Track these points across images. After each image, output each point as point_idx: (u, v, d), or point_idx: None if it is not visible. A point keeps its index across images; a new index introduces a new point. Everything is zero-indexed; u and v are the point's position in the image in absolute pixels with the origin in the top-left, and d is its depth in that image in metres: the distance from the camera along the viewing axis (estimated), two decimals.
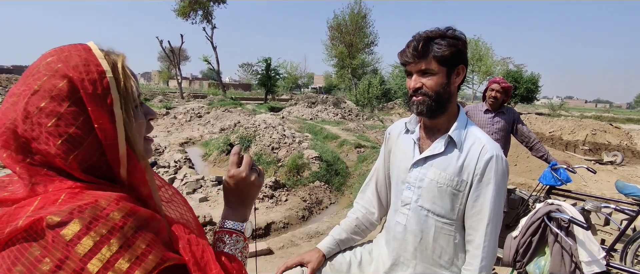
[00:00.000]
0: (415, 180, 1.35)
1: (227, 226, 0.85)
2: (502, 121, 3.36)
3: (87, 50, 0.65)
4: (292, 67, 46.54)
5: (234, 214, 0.87)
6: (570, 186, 4.32)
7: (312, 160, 7.30)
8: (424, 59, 1.23)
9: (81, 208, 0.56)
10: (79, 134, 0.61)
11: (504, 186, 1.28)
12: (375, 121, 17.77)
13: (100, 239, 0.55)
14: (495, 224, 1.27)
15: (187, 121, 15.30)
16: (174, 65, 33.28)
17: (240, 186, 0.87)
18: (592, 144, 13.45)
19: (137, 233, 0.59)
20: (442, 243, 1.33)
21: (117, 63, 0.67)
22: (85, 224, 0.55)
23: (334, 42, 35.57)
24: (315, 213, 5.62)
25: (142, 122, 0.71)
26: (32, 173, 0.61)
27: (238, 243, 0.84)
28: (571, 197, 3.44)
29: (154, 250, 0.59)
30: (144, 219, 0.61)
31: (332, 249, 1.57)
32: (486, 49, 36.36)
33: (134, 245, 0.57)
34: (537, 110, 36.44)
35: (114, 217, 0.57)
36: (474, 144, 1.29)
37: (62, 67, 0.61)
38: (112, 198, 0.60)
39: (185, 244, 0.68)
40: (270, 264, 3.55)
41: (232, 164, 0.88)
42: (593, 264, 1.75)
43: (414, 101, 1.29)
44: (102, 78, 0.63)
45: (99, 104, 0.62)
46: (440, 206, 1.31)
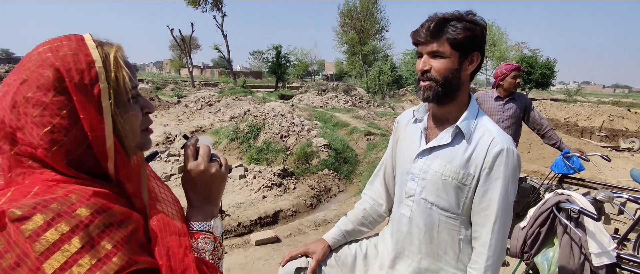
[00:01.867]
0: (419, 171, 1.29)
1: (193, 228, 0.77)
2: (513, 108, 3.27)
3: (79, 40, 0.64)
4: (303, 54, 46.32)
5: (198, 214, 0.79)
6: (584, 174, 4.23)
7: (321, 148, 7.28)
8: (436, 40, 1.17)
9: (46, 202, 0.54)
10: (63, 125, 0.59)
11: (515, 182, 1.21)
12: (386, 108, 17.63)
13: (61, 237, 0.52)
14: (503, 221, 1.20)
15: (198, 110, 15.40)
16: (185, 54, 33.43)
17: (200, 180, 0.79)
18: (609, 131, 13.13)
19: (104, 232, 0.55)
20: (446, 238, 1.29)
21: (109, 54, 0.65)
22: (47, 220, 0.52)
23: (344, 28, 35.22)
24: (324, 201, 5.63)
25: (136, 114, 0.68)
26: (13, 165, 0.60)
27: (207, 244, 0.76)
28: (584, 186, 3.35)
29: (121, 252, 0.56)
30: (117, 217, 0.58)
31: (338, 240, 1.55)
32: (500, 34, 35.56)
33: (98, 245, 0.54)
34: (553, 96, 35.66)
35: (81, 213, 0.54)
36: (483, 135, 1.22)
37: (50, 56, 0.60)
38: (84, 193, 0.57)
39: (163, 247, 0.64)
40: (278, 252, 3.57)
41: (187, 158, 0.79)
42: (603, 256, 1.69)
43: (421, 86, 1.23)
44: (90, 68, 0.61)
45: (85, 95, 0.60)
46: (444, 199, 1.25)
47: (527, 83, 30.82)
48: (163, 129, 10.64)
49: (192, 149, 0.80)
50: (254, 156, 7.47)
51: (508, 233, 1.25)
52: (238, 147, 8.32)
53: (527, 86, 31.14)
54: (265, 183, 5.50)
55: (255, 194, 5.29)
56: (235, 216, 4.35)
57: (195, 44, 56.35)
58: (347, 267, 1.48)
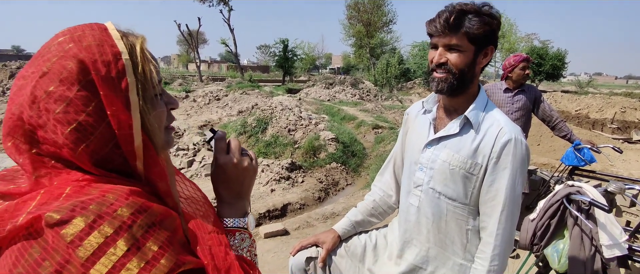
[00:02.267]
0: (427, 161, 1.30)
1: (227, 225, 0.74)
2: (522, 99, 3.23)
3: (102, 30, 0.59)
4: (310, 48, 46.19)
5: (231, 210, 0.76)
6: (595, 166, 4.17)
7: (328, 142, 7.29)
8: (454, 34, 1.15)
9: (84, 203, 0.50)
10: (89, 122, 0.55)
11: (523, 172, 1.21)
12: (393, 101, 17.54)
13: (105, 241, 0.49)
14: (511, 211, 1.20)
15: (206, 104, 15.47)
16: (193, 49, 33.53)
17: (233, 175, 0.76)
18: (621, 123, 12.93)
19: (148, 233, 0.52)
20: (454, 228, 1.29)
21: (135, 45, 0.60)
22: (88, 223, 0.49)
23: (351, 21, 35.02)
24: (332, 194, 5.64)
25: (163, 111, 0.64)
26: (36, 165, 0.56)
27: (244, 241, 0.75)
28: (595, 178, 3.31)
29: (167, 253, 0.53)
30: (157, 216, 0.55)
31: (348, 231, 1.56)
32: (509, 25, 35.04)
33: (144, 247, 0.51)
34: (564, 87, 35.15)
35: (122, 214, 0.51)
36: (491, 126, 1.22)
37: (73, 47, 0.55)
38: (121, 192, 0.53)
39: (206, 245, 0.61)
40: (286, 245, 3.60)
41: (219, 152, 0.76)
42: (614, 248, 1.68)
43: (435, 78, 1.22)
44: (116, 60, 0.57)
45: (113, 89, 0.55)
46: (452, 189, 1.26)
47: (537, 75, 30.39)
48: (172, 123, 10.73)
49: (223, 142, 0.77)
50: (262, 150, 7.51)
51: (516, 223, 1.24)
52: (246, 141, 8.37)
53: (538, 77, 30.71)
54: (273, 176, 5.53)
55: (263, 187, 5.33)
56: None
57: (203, 39, 56.51)
58: (356, 257, 1.49)
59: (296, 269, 1.55)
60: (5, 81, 14.81)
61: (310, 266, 1.53)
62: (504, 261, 1.24)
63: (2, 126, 0.57)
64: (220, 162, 0.75)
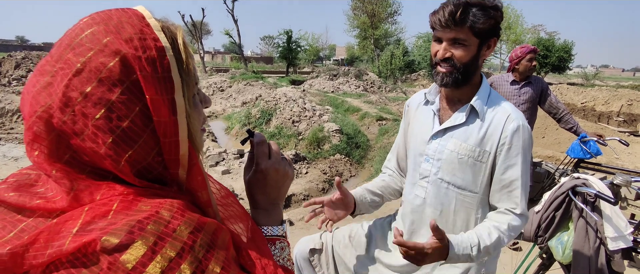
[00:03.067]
0: (434, 152, 1.31)
1: (266, 234, 0.70)
2: (529, 92, 3.21)
3: (140, 18, 0.51)
4: (314, 39, 45.90)
5: (269, 218, 0.72)
6: (601, 159, 4.15)
7: (332, 133, 7.29)
8: (458, 28, 1.15)
9: (142, 224, 0.44)
10: (133, 130, 0.48)
11: (530, 156, 1.24)
12: (398, 93, 17.47)
13: (170, 265, 0.44)
14: (525, 193, 1.23)
15: (210, 95, 15.50)
16: (196, 40, 33.48)
17: (272, 181, 0.71)
18: (627, 115, 12.82)
19: (209, 253, 0.48)
20: (463, 217, 1.30)
21: (176, 37, 0.53)
22: (149, 247, 0.43)
23: (356, 12, 34.73)
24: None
25: (201, 111, 0.58)
26: (72, 177, 0.48)
27: (284, 250, 0.71)
28: (600, 171, 3.30)
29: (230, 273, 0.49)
30: (213, 233, 0.50)
31: (363, 195, 1.49)
32: (516, 17, 34.63)
33: (207, 269, 0.47)
34: (570, 80, 34.85)
35: (182, 234, 0.46)
36: (497, 113, 1.23)
37: (112, 39, 0.47)
38: (174, 208, 0.48)
39: (258, 261, 0.57)
40: (291, 235, 3.62)
41: (261, 156, 0.71)
42: (619, 240, 1.68)
43: (439, 72, 1.22)
44: (162, 57, 0.49)
45: (159, 91, 0.48)
46: (461, 178, 1.27)
47: (543, 67, 30.10)
48: None
49: (265, 146, 0.72)
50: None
51: None
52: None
53: (544, 69, 30.42)
54: None
55: None
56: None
57: (206, 30, 56.34)
58: (361, 247, 1.50)
59: (300, 258, 1.56)
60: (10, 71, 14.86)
61: (315, 257, 1.53)
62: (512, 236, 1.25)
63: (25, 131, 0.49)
64: (262, 167, 0.71)
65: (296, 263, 1.58)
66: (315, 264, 1.54)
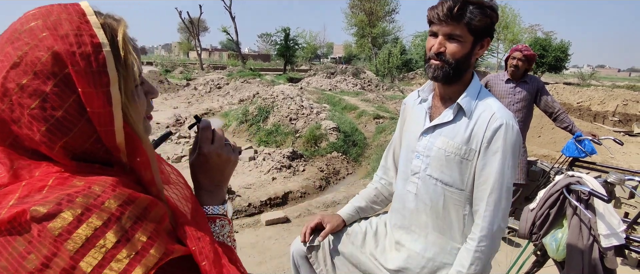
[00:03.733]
0: (423, 149, 1.33)
1: (208, 213, 0.75)
2: (524, 90, 3.23)
3: (80, 14, 0.54)
4: (311, 36, 45.90)
5: (212, 198, 0.77)
6: (596, 158, 4.18)
7: (330, 131, 7.30)
8: (455, 24, 1.17)
9: (71, 196, 0.49)
10: (67, 119, 0.52)
11: (514, 157, 1.23)
12: (395, 91, 17.49)
13: (95, 233, 0.48)
14: (499, 195, 1.22)
15: (207, 92, 15.46)
16: (194, 37, 33.37)
17: (215, 164, 0.76)
18: (622, 115, 12.90)
19: (137, 224, 0.52)
20: (452, 213, 1.32)
21: (116, 33, 0.56)
22: (76, 216, 0.48)
23: (353, 10, 34.75)
24: (332, 183, 5.67)
25: (143, 102, 0.62)
26: (13, 157, 0.53)
27: (224, 228, 0.76)
28: (595, 170, 3.33)
29: (157, 243, 0.53)
30: (144, 207, 0.54)
31: (352, 216, 1.61)
32: (513, 16, 34.71)
33: (133, 238, 0.51)
34: (566, 79, 34.99)
35: (110, 206, 0.50)
36: (483, 112, 1.25)
37: (48, 36, 0.51)
38: (107, 184, 0.52)
39: (193, 233, 0.61)
40: (287, 232, 3.64)
41: (205, 141, 0.76)
42: (612, 237, 1.70)
43: (432, 65, 1.25)
44: (97, 52, 0.52)
45: (92, 84, 0.52)
46: (448, 175, 1.29)
47: (540, 66, 30.22)
48: (173, 111, 10.73)
49: (209, 131, 0.77)
50: (263, 139, 7.53)
51: (508, 206, 1.26)
52: (247, 129, 8.38)
53: (540, 69, 30.54)
54: (274, 165, 5.56)
55: (265, 175, 5.36)
56: (246, 196, 4.42)
57: (204, 27, 56.13)
58: (357, 244, 1.52)
59: (298, 255, 1.58)
60: None
61: (312, 254, 1.55)
62: (494, 244, 1.25)
63: None
64: (204, 151, 0.76)
65: (293, 259, 1.60)
66: (313, 262, 1.56)
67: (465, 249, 1.28)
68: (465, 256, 1.26)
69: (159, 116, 9.56)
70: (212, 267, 0.59)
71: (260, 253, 3.25)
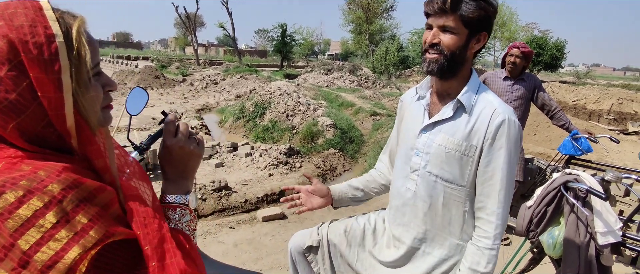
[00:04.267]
0: (423, 146, 1.32)
1: (169, 201, 0.80)
2: (521, 88, 3.24)
3: (37, 9, 0.59)
4: (308, 33, 45.76)
5: (175, 187, 0.82)
6: (591, 156, 4.20)
7: (326, 127, 7.29)
8: (449, 15, 1.17)
9: (15, 179, 0.52)
10: (20, 102, 0.56)
11: (516, 152, 1.24)
12: (392, 88, 17.50)
13: (35, 213, 0.51)
14: (507, 190, 1.23)
15: (204, 88, 15.40)
16: (190, 32, 33.17)
17: (177, 156, 0.81)
18: (617, 114, 12.99)
19: (79, 207, 0.55)
20: (452, 210, 1.32)
21: (71, 27, 0.61)
22: (18, 198, 0.51)
23: (351, 6, 34.69)
24: (329, 180, 5.67)
25: (99, 92, 0.66)
26: None
27: (184, 216, 0.80)
28: (591, 168, 3.35)
29: (97, 225, 0.55)
30: (90, 191, 0.57)
31: (342, 191, 1.61)
32: (510, 14, 34.81)
33: (73, 220, 0.53)
34: (562, 78, 35.18)
35: (53, 189, 0.53)
36: (484, 108, 1.24)
37: (3, 25, 0.55)
38: (54, 169, 0.55)
39: (140, 218, 0.64)
40: (284, 229, 3.63)
41: (167, 134, 0.82)
42: (608, 235, 1.71)
43: (426, 58, 1.24)
44: (50, 42, 0.57)
45: (44, 71, 0.56)
46: (448, 172, 1.28)
47: (536, 65, 30.35)
48: (169, 107, 10.68)
49: (172, 125, 0.82)
50: (260, 135, 7.51)
51: (510, 202, 1.27)
52: (244, 125, 8.35)
53: (536, 67, 30.67)
54: (271, 161, 5.55)
55: (261, 172, 5.34)
56: (242, 193, 4.41)
57: (200, 22, 55.84)
58: (356, 241, 1.52)
59: (295, 252, 1.57)
60: None
61: (311, 255, 1.55)
62: (500, 240, 1.28)
63: None
64: (167, 144, 0.81)
65: (291, 256, 1.59)
66: (311, 260, 1.55)
67: (477, 247, 1.26)
68: (479, 254, 1.25)
69: (155, 112, 9.51)
70: (154, 252, 0.62)
71: (257, 249, 3.25)
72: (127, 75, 16.42)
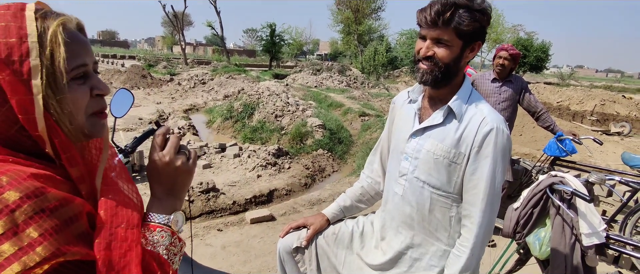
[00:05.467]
0: (412, 151, 1.32)
1: (151, 220, 0.73)
2: (509, 90, 3.28)
3: (18, 10, 0.57)
4: (297, 33, 45.59)
5: (160, 206, 0.75)
6: (575, 157, 4.28)
7: (315, 128, 7.28)
8: (443, 28, 1.15)
9: None
10: None
11: (504, 161, 1.23)
12: (380, 89, 17.58)
13: None
14: (491, 200, 1.23)
15: (191, 88, 15.23)
16: (178, 31, 32.81)
17: (164, 172, 0.74)
18: (600, 115, 13.28)
19: (33, 219, 0.51)
20: (438, 216, 1.32)
21: (48, 28, 0.58)
22: None
23: (340, 7, 34.72)
24: (318, 181, 5.66)
25: (76, 97, 0.61)
26: None
27: (163, 239, 0.72)
28: (575, 169, 3.41)
29: (48, 241, 0.51)
30: (51, 203, 0.53)
31: (336, 215, 1.60)
32: (497, 16, 35.27)
33: (22, 233, 0.50)
34: (546, 79, 35.81)
35: (8, 197, 0.50)
36: (474, 115, 1.23)
37: None
38: (19, 175, 0.52)
39: (104, 239, 0.59)
40: (273, 230, 3.61)
41: (154, 148, 0.75)
42: (593, 236, 1.74)
43: (420, 68, 1.23)
44: (21, 42, 0.55)
45: (13, 72, 0.55)
46: (436, 178, 1.28)
47: (521, 66, 30.84)
48: (156, 107, 10.53)
49: (161, 138, 0.75)
50: (248, 135, 7.46)
51: (496, 211, 1.27)
52: (232, 126, 8.29)
53: (522, 69, 31.17)
54: (259, 162, 5.51)
55: (249, 173, 5.31)
56: (230, 194, 4.37)
57: (188, 21, 55.24)
58: (344, 243, 1.51)
59: (284, 252, 1.56)
60: None
61: (299, 255, 1.54)
62: (484, 247, 1.28)
63: None
64: (152, 158, 0.74)
65: (279, 255, 1.59)
66: (298, 260, 1.54)
67: (455, 255, 1.28)
68: (456, 261, 1.26)
69: (142, 112, 9.37)
70: None
71: (245, 251, 3.22)
72: (113, 74, 16.15)
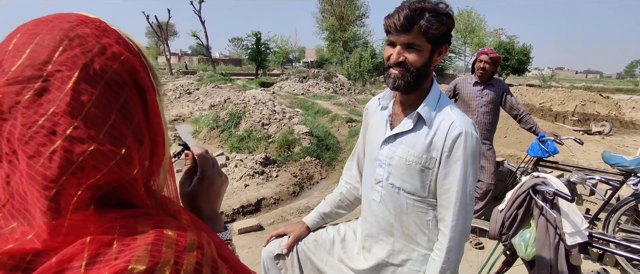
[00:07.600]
0: (385, 157, 1.33)
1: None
2: (491, 93, 3.33)
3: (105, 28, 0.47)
4: (283, 41, 45.64)
5: (215, 225, 0.73)
6: (558, 157, 4.36)
7: (302, 136, 7.27)
8: (412, 33, 1.16)
9: (157, 246, 0.43)
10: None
11: (474, 163, 1.24)
12: (367, 94, 17.69)
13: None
14: (464, 202, 1.23)
15: (177, 98, 15.09)
16: (162, 41, 32.56)
17: (217, 188, 0.73)
18: (581, 115, 13.59)
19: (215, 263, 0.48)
20: (416, 221, 1.32)
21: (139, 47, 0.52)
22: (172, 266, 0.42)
23: (324, 14, 35.02)
24: (306, 188, 5.64)
25: None
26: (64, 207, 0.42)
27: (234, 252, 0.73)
28: (558, 169, 3.47)
29: None
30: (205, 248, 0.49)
31: (317, 222, 1.61)
32: (479, 20, 35.98)
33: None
34: (529, 81, 36.54)
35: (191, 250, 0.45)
36: (443, 120, 1.24)
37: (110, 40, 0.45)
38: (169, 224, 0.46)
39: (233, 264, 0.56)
40: (261, 240, 3.57)
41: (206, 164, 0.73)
42: (576, 235, 1.76)
43: (391, 74, 1.23)
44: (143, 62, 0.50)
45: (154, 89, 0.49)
46: (410, 184, 1.28)
47: (504, 69, 31.44)
48: None
49: (209, 156, 0.74)
50: (235, 145, 7.40)
51: (471, 213, 1.28)
52: (219, 135, 8.22)
53: (504, 71, 31.77)
54: (247, 171, 5.47)
55: (237, 182, 5.26)
56: None
57: (173, 31, 54.97)
58: (325, 248, 1.52)
59: (267, 260, 1.57)
60: None
61: (281, 262, 1.55)
62: (460, 250, 1.27)
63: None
64: (208, 175, 0.72)
65: (263, 263, 1.59)
66: (280, 267, 1.54)
67: (432, 259, 1.28)
68: (433, 265, 1.27)
69: None
70: None
71: None
72: None
